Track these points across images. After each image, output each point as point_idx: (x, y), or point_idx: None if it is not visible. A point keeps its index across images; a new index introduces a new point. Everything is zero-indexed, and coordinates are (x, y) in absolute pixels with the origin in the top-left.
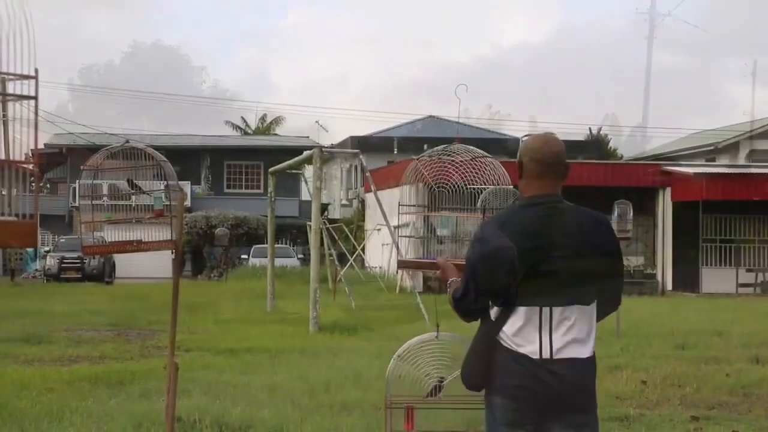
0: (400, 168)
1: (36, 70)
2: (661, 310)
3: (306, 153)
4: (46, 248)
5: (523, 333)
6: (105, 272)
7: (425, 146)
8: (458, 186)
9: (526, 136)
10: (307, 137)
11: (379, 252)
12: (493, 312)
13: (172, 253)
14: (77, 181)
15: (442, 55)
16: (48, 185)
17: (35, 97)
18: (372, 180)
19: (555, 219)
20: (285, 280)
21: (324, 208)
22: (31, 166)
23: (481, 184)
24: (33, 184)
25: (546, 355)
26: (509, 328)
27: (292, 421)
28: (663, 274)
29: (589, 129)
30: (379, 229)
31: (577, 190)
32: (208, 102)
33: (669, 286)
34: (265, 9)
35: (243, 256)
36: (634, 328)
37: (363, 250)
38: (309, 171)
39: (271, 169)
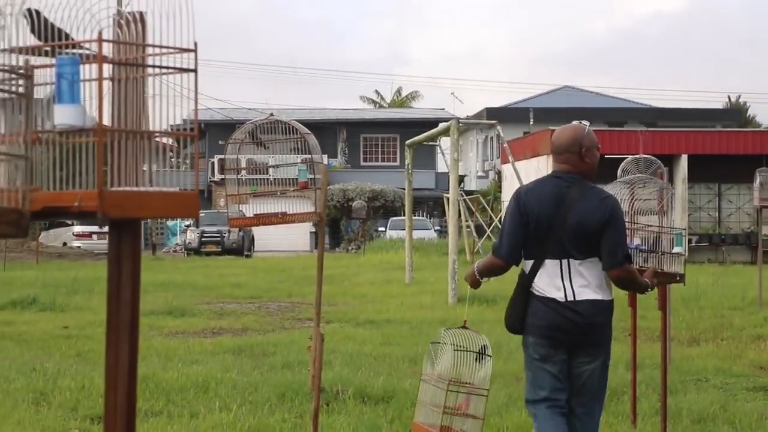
0: (536, 139)
1: (195, 44)
2: None
3: (443, 125)
4: (187, 223)
5: (551, 282)
6: (244, 246)
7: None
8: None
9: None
10: (443, 109)
11: None
12: (526, 266)
13: (314, 225)
14: (216, 156)
15: (577, 25)
16: (187, 160)
17: (195, 70)
18: (510, 151)
19: (571, 192)
20: (422, 252)
21: (460, 179)
22: (168, 141)
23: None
24: (173, 159)
25: (570, 298)
26: (539, 280)
27: None
28: None
29: (728, 97)
30: None
31: (718, 158)
32: (344, 76)
33: None
34: None
35: (380, 229)
36: None
37: (500, 221)
38: (445, 143)
39: (408, 142)
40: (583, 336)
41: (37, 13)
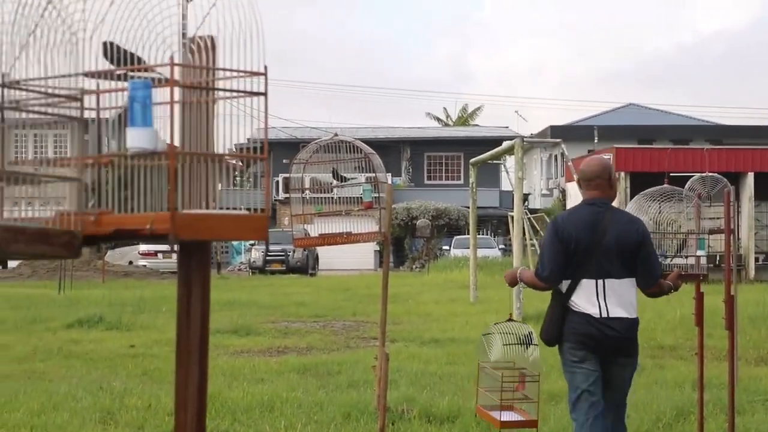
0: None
1: (265, 67)
2: None
3: (507, 143)
4: (251, 241)
5: (587, 299)
6: (309, 264)
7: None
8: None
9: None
10: (507, 127)
11: None
12: (564, 285)
13: (378, 244)
14: (280, 175)
15: (642, 42)
16: (251, 179)
17: (265, 93)
18: (574, 169)
19: (606, 216)
20: (487, 270)
21: (524, 198)
22: (234, 161)
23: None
24: (238, 179)
25: (604, 314)
26: (577, 297)
27: None
28: None
29: None
30: None
31: None
32: (408, 94)
33: None
34: (462, 0)
35: (444, 247)
36: None
37: None
38: (509, 161)
39: (472, 160)
40: (615, 349)
41: (114, 45)
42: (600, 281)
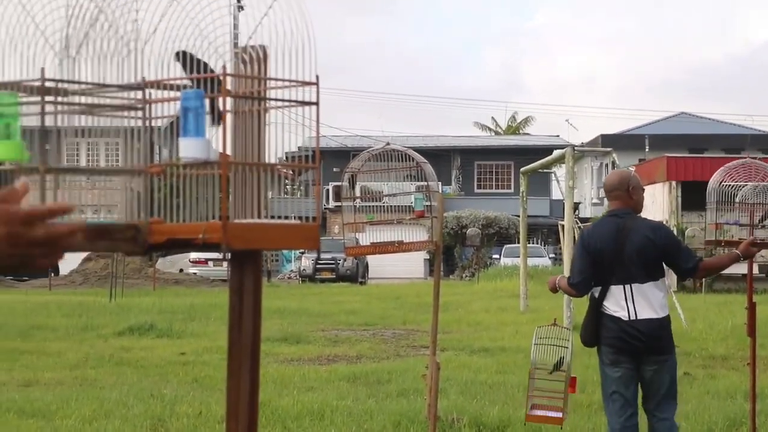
0: (652, 166)
1: (317, 77)
2: None
3: (558, 152)
4: (301, 250)
5: (617, 303)
6: (359, 272)
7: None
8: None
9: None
10: (557, 136)
11: None
12: (596, 291)
13: (428, 253)
14: (331, 183)
15: (693, 51)
16: (302, 188)
17: (317, 103)
18: None
19: (626, 225)
20: (537, 279)
21: (575, 206)
22: (286, 171)
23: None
24: (288, 187)
25: (632, 317)
26: (608, 301)
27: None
28: None
29: None
30: None
31: None
32: (458, 103)
33: None
34: (512, 10)
35: (494, 256)
36: None
37: None
38: (560, 170)
39: (522, 169)
40: (647, 349)
41: (186, 54)
42: (627, 286)
